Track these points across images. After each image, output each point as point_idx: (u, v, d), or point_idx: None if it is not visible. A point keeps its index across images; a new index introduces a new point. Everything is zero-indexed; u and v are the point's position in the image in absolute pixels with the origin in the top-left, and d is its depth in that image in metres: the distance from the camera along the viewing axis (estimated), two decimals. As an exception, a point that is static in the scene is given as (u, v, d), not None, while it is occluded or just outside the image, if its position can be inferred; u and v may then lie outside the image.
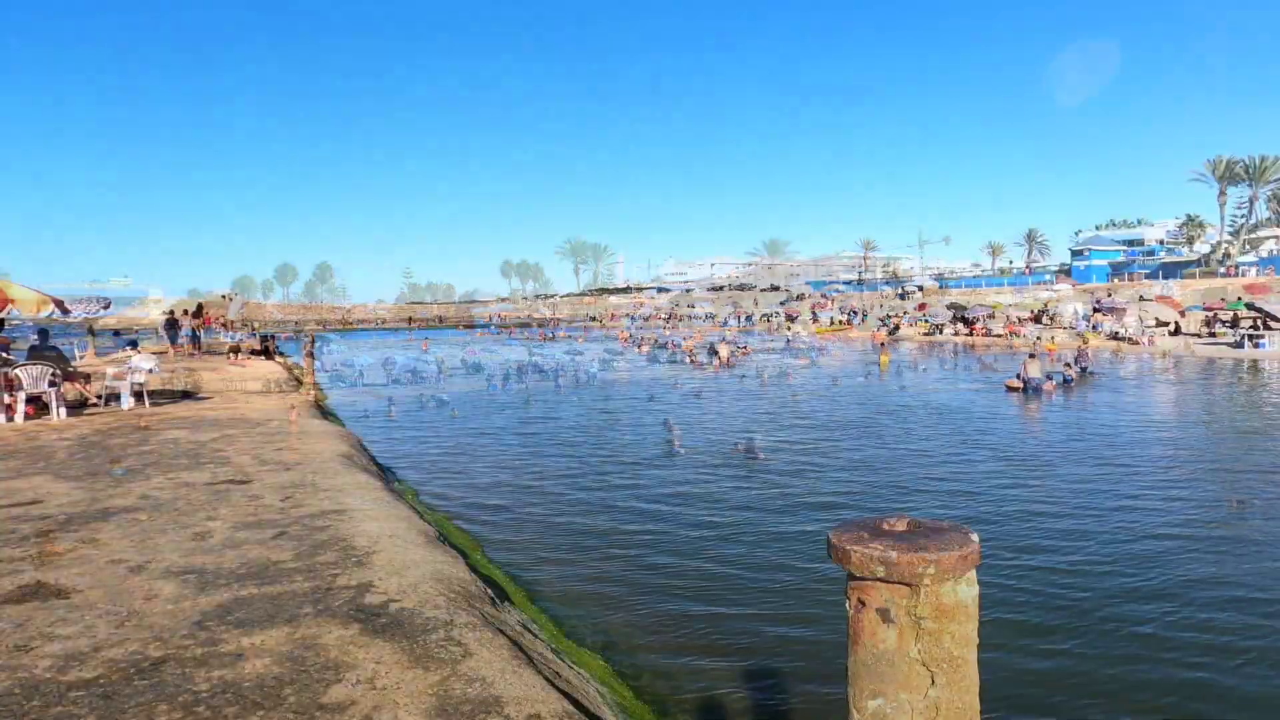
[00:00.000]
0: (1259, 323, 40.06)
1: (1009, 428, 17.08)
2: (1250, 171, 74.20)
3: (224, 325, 40.88)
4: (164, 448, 9.59)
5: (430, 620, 4.33)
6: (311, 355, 20.45)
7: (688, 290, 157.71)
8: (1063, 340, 42.47)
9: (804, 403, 21.65)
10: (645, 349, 46.46)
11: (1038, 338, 43.76)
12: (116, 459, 8.87)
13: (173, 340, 32.92)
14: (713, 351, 37.89)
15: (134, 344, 33.50)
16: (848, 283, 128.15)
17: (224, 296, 67.19)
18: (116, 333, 41.03)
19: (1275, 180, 74.99)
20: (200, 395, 15.54)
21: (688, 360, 36.93)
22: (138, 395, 13.74)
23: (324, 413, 16.67)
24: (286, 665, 3.68)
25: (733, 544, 8.84)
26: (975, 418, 18.18)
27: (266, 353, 28.82)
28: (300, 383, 20.04)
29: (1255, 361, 32.86)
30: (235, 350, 27.87)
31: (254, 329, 42.05)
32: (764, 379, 28.70)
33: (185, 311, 34.34)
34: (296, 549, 5.51)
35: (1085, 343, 34.33)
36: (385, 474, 10.72)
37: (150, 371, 14.24)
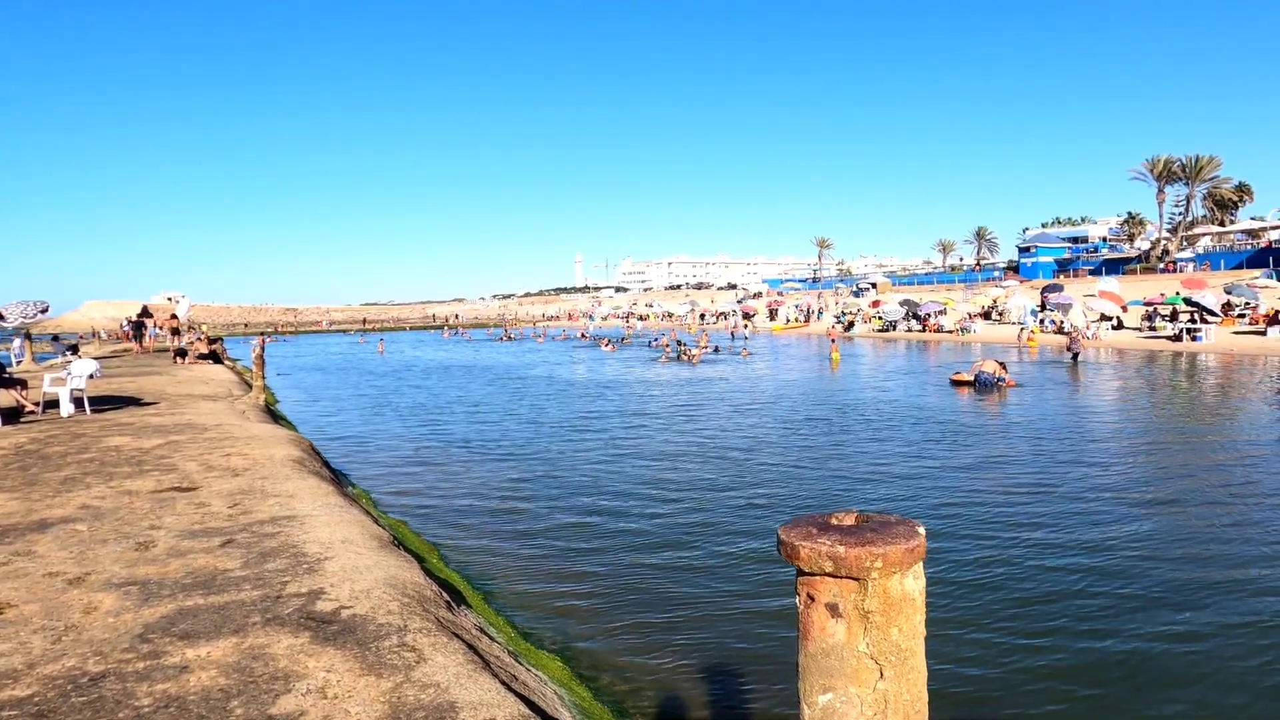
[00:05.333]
0: (1195, 317, 41.48)
1: (958, 421, 17.42)
2: (1187, 171, 76.73)
3: (174, 330, 39.84)
4: (105, 455, 9.29)
5: (383, 626, 4.26)
6: (262, 359, 19.99)
7: (646, 289, 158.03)
8: (1043, 336, 43.52)
9: (759, 398, 21.82)
10: (610, 347, 46.65)
11: (1021, 329, 45.03)
12: (58, 466, 8.57)
13: (138, 339, 32.65)
14: (679, 345, 40.61)
15: (75, 349, 32.47)
16: (803, 281, 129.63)
17: (170, 298, 65.37)
18: (55, 337, 39.70)
19: (1210, 179, 77.68)
20: (145, 401, 15.07)
21: (663, 359, 37.54)
22: (78, 402, 13.28)
23: (274, 416, 16.31)
24: (233, 676, 3.58)
25: (690, 542, 8.86)
26: (925, 412, 18.51)
27: (214, 356, 28.07)
28: (250, 386, 19.58)
29: (1193, 354, 34.03)
30: (182, 354, 27.09)
31: (201, 332, 40.91)
32: (724, 375, 28.89)
33: (149, 314, 34.09)
34: (245, 557, 5.38)
35: (1075, 331, 35.27)
36: (339, 478, 10.53)
37: (91, 377, 13.77)
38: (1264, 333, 37.52)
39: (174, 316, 38.32)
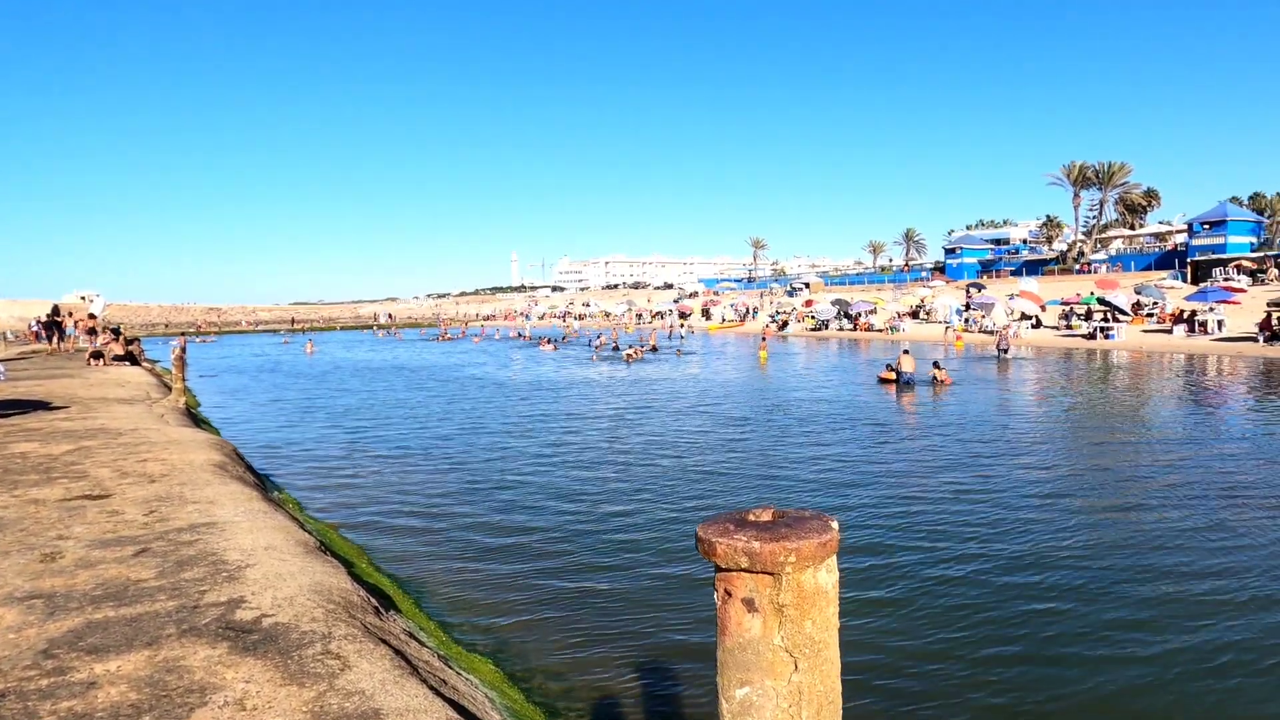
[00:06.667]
0: (1108, 316, 43.47)
1: (884, 419, 17.88)
2: (1100, 176, 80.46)
3: (90, 331, 37.84)
4: (9, 463, 8.81)
5: (307, 634, 4.16)
6: (182, 360, 19.25)
7: (582, 288, 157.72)
8: (970, 335, 44.92)
9: (692, 399, 22.01)
10: (550, 346, 46.62)
11: (947, 328, 46.52)
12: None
13: (49, 338, 31.20)
14: (615, 348, 41.66)
15: (-23, 350, 30.73)
16: (739, 280, 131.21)
17: (83, 297, 62.40)
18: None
19: (1121, 184, 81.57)
20: (55, 405, 14.35)
21: (594, 358, 38.05)
22: (-20, 406, 12.58)
23: (196, 420, 15.74)
24: (145, 691, 3.45)
25: (621, 542, 8.89)
26: (854, 410, 18.95)
27: (131, 358, 26.91)
28: (170, 389, 18.84)
29: (1106, 351, 35.66)
30: (97, 355, 25.88)
31: (116, 332, 39.06)
32: (658, 376, 29.05)
33: (69, 313, 32.59)
34: (160, 566, 5.18)
35: (1005, 329, 36.47)
36: (263, 483, 10.21)
37: (-6, 380, 13.05)
38: (1170, 331, 39.57)
39: (91, 316, 36.68)
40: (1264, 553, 8.05)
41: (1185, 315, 40.24)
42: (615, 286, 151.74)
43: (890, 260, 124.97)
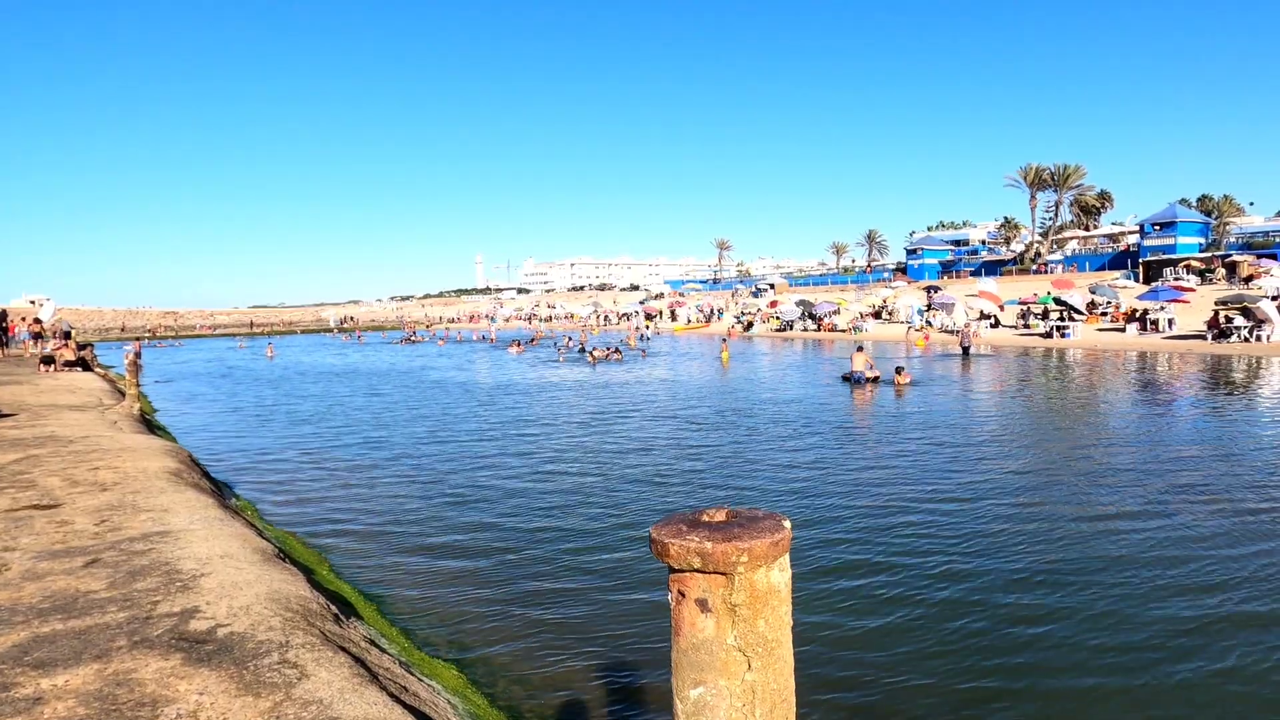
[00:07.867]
0: (1064, 315, 44.45)
1: (843, 420, 18.08)
2: (1055, 178, 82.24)
3: (36, 335, 36.76)
4: (-46, 473, 8.54)
5: (263, 643, 4.09)
6: (137, 365, 18.82)
7: (548, 290, 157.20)
8: (936, 335, 45.55)
9: (658, 401, 22.05)
10: (518, 349, 46.47)
11: (909, 327, 47.22)
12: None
13: (3, 344, 30.43)
14: (582, 349, 41.93)
15: (-81, 357, 29.71)
16: (704, 281, 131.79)
17: (32, 301, 60.72)
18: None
19: (1076, 186, 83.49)
20: (2, 413, 13.94)
21: (560, 358, 38.27)
22: (-78, 415, 12.17)
23: (151, 427, 15.39)
24: (94, 706, 3.36)
25: (584, 546, 8.88)
26: (817, 410, 19.13)
27: (84, 363, 26.23)
28: (124, 394, 18.41)
29: (1062, 350, 36.45)
30: (48, 361, 25.18)
31: (68, 336, 38.10)
32: (623, 378, 29.07)
33: (23, 318, 31.77)
34: (111, 577, 5.05)
35: (967, 327, 37.07)
36: (221, 490, 10.02)
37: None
38: (1123, 329, 40.58)
39: (37, 320, 35.80)
40: (1233, 552, 8.29)
41: (1137, 314, 41.30)
42: (581, 288, 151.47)
43: (853, 261, 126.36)
